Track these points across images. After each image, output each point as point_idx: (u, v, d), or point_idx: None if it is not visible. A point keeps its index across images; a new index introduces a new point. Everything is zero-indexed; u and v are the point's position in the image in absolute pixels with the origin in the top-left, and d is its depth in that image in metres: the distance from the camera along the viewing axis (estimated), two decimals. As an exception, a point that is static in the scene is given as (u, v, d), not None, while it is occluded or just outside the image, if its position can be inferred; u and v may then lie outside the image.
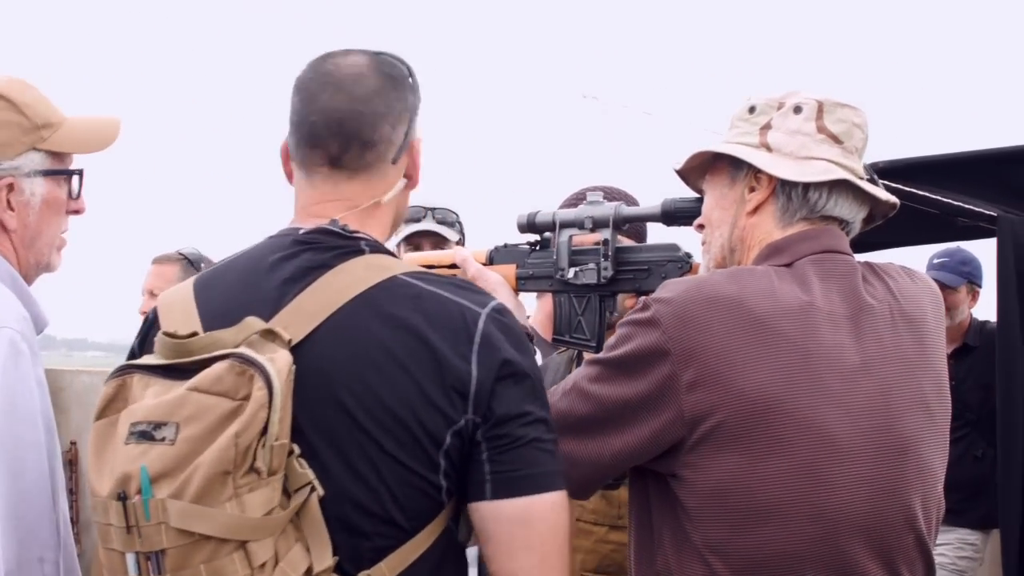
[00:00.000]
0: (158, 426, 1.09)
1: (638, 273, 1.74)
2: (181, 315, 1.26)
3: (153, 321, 1.33)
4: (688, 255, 1.72)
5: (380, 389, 1.18)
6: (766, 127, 1.47)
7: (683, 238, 1.74)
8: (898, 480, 1.34)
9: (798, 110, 1.45)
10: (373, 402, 1.18)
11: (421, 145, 1.37)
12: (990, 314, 3.74)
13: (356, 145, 1.30)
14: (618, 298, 1.79)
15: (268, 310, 1.21)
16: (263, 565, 1.09)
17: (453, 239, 2.59)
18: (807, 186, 1.43)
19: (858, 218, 1.49)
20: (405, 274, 1.25)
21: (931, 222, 2.65)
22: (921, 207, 2.50)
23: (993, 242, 2.49)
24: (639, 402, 1.35)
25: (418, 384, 1.18)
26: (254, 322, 1.16)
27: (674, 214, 1.69)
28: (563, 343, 1.83)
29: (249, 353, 1.11)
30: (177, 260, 2.96)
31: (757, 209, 1.47)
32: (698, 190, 1.62)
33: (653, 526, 1.42)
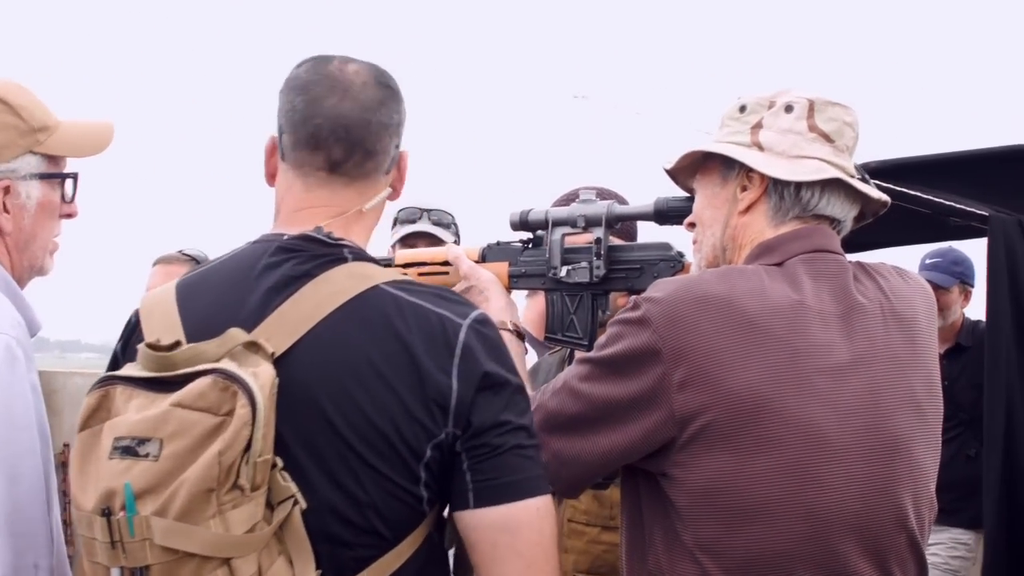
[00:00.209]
0: (142, 442, 1.10)
1: (630, 272, 1.74)
2: (163, 322, 1.26)
3: (135, 325, 1.32)
4: (680, 254, 1.72)
5: (362, 401, 1.18)
6: (757, 126, 1.47)
7: (675, 237, 1.75)
8: (889, 479, 1.34)
9: (789, 109, 1.45)
10: (355, 414, 1.18)
11: (408, 158, 1.38)
12: (982, 313, 3.76)
13: (360, 153, 1.30)
14: (610, 297, 1.79)
15: (251, 320, 1.21)
16: None
17: (448, 240, 2.59)
18: (799, 185, 1.43)
19: (849, 216, 1.49)
20: (387, 283, 1.25)
21: (923, 222, 2.65)
22: (913, 207, 2.50)
23: (984, 242, 2.49)
24: (629, 402, 1.35)
25: (399, 397, 1.18)
26: (237, 334, 1.16)
27: (666, 213, 1.70)
28: (555, 341, 1.83)
29: (232, 369, 1.11)
30: (185, 261, 2.89)
31: (749, 208, 1.46)
32: (688, 189, 1.62)
33: (644, 525, 1.42)
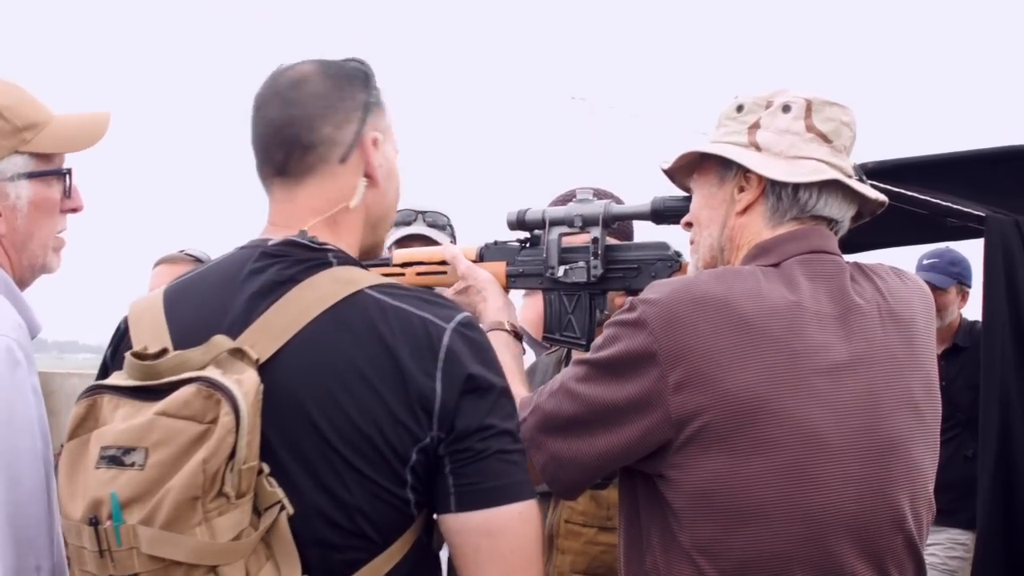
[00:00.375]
0: (127, 451, 1.10)
1: (628, 272, 1.74)
2: (151, 329, 1.27)
3: (124, 332, 1.33)
4: (678, 254, 1.72)
5: (347, 406, 1.18)
6: (755, 126, 1.46)
7: (672, 237, 1.75)
8: (886, 480, 1.34)
9: (787, 109, 1.45)
10: (340, 418, 1.18)
11: (379, 142, 1.34)
12: (980, 314, 3.75)
13: (297, 150, 1.30)
14: (608, 296, 1.79)
15: (237, 327, 1.22)
16: None
17: (444, 242, 2.58)
18: (797, 186, 1.43)
19: (847, 217, 1.49)
20: (372, 288, 1.25)
21: (920, 223, 2.65)
22: (910, 208, 2.50)
23: (981, 242, 2.49)
24: (626, 404, 1.35)
25: (384, 401, 1.18)
26: (222, 341, 1.17)
27: (664, 212, 1.70)
28: (553, 341, 1.83)
29: (215, 377, 1.11)
30: (189, 261, 2.88)
31: (747, 209, 1.46)
32: (685, 188, 1.62)
33: (642, 527, 1.42)
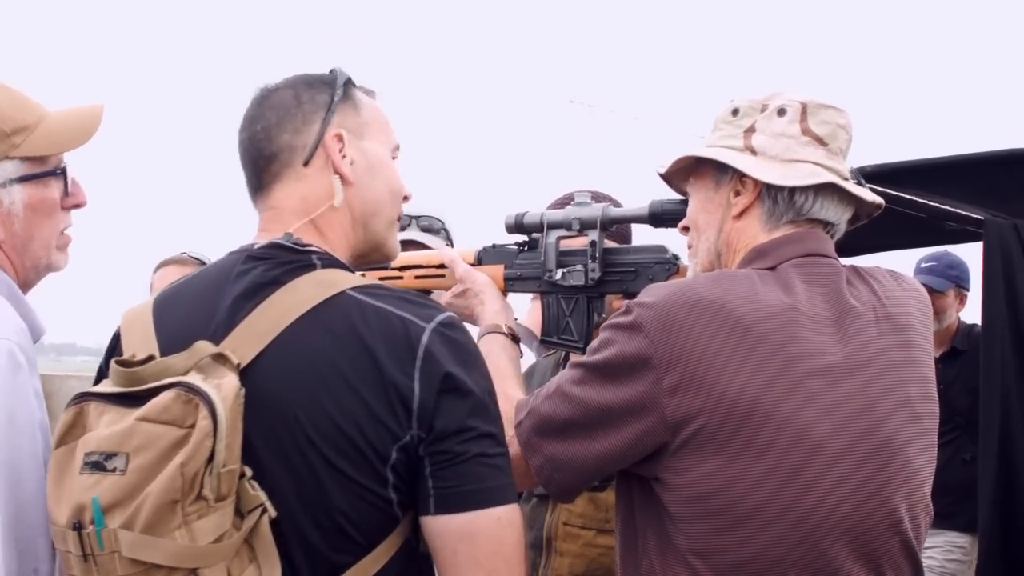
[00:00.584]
0: (109, 456, 1.12)
1: (625, 275, 1.74)
2: (140, 337, 1.29)
3: (117, 341, 1.35)
4: (675, 257, 1.72)
5: (327, 405, 1.19)
6: (750, 130, 1.46)
7: (670, 240, 1.75)
8: (882, 482, 1.33)
9: (782, 112, 1.45)
10: (321, 418, 1.19)
11: (345, 139, 1.34)
12: (978, 317, 3.75)
13: (261, 162, 1.34)
14: (606, 299, 1.79)
15: (221, 331, 1.24)
16: None
17: (438, 247, 2.57)
18: (793, 190, 1.43)
19: (843, 219, 1.49)
20: (354, 289, 1.25)
21: (918, 226, 2.65)
22: (908, 211, 2.50)
23: (980, 246, 2.49)
24: (621, 407, 1.34)
25: (363, 400, 1.19)
26: (204, 346, 1.18)
27: (661, 216, 1.70)
28: (551, 344, 1.83)
29: (194, 381, 1.13)
30: (194, 263, 2.86)
31: (743, 213, 1.46)
32: (682, 192, 1.62)
33: (638, 529, 1.42)
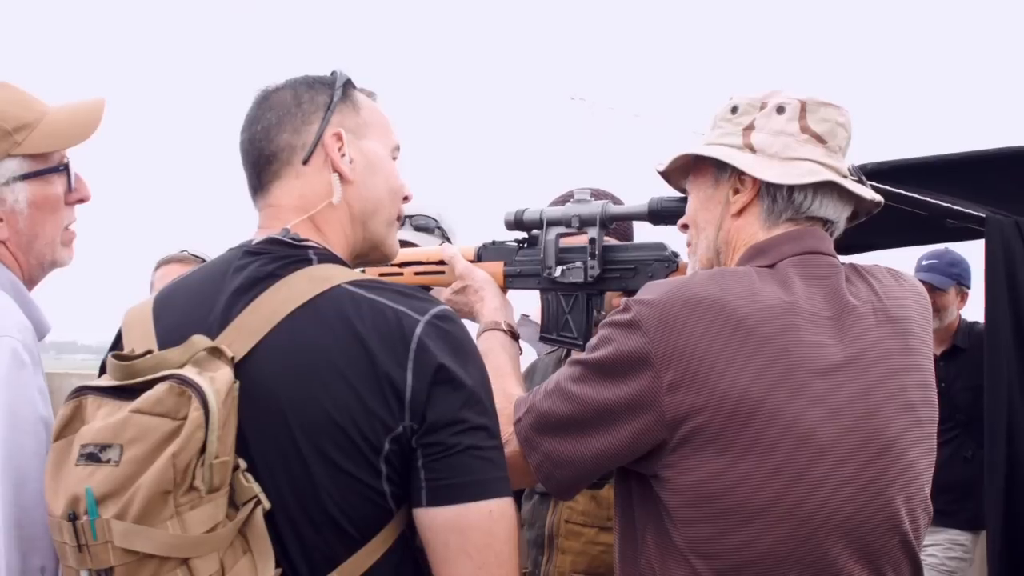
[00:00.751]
0: (104, 448, 1.13)
1: (625, 272, 1.74)
2: (140, 333, 1.30)
3: (119, 338, 1.36)
4: (675, 254, 1.72)
5: (320, 397, 1.19)
6: (749, 128, 1.46)
7: (670, 237, 1.74)
8: (881, 481, 1.33)
9: (781, 110, 1.44)
10: (314, 410, 1.19)
11: (344, 138, 1.35)
12: (979, 315, 3.75)
13: (261, 161, 1.35)
14: (605, 296, 1.78)
15: (217, 325, 1.25)
16: None
17: (432, 246, 2.56)
18: (792, 188, 1.42)
19: (843, 217, 1.48)
20: (348, 283, 1.26)
21: (920, 224, 2.65)
22: (910, 209, 2.49)
23: (981, 243, 2.48)
24: (619, 405, 1.34)
25: (357, 393, 1.19)
26: (199, 340, 1.19)
27: (661, 213, 1.70)
28: (551, 341, 1.83)
29: (187, 374, 1.14)
30: (195, 260, 2.86)
31: (742, 211, 1.46)
32: (680, 190, 1.61)
33: (637, 527, 1.42)
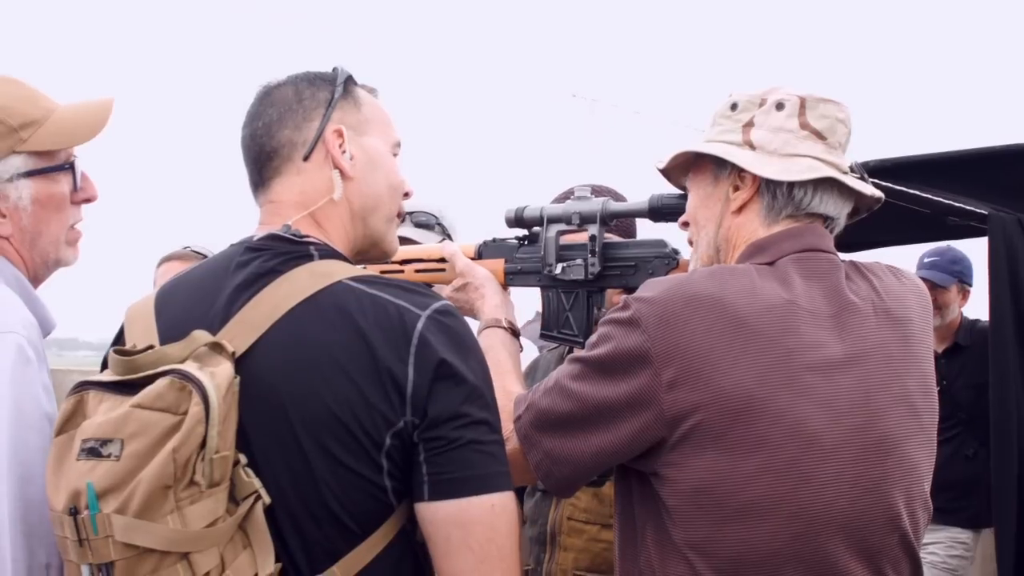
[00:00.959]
0: (105, 443, 1.13)
1: (625, 269, 1.73)
2: (142, 328, 1.30)
3: (121, 334, 1.36)
4: (675, 251, 1.72)
5: (321, 392, 1.19)
6: (749, 124, 1.45)
7: (671, 234, 1.74)
8: (880, 478, 1.33)
9: (780, 107, 1.44)
10: (315, 405, 1.19)
11: (345, 134, 1.35)
12: (980, 313, 3.74)
13: (263, 157, 1.35)
14: (606, 294, 1.78)
15: (218, 321, 1.25)
16: (208, 573, 1.13)
17: (433, 242, 2.55)
18: (792, 184, 1.42)
19: (843, 214, 1.48)
20: (350, 279, 1.26)
21: (922, 221, 2.64)
22: (912, 206, 2.49)
23: (983, 241, 2.48)
24: (619, 403, 1.34)
25: (357, 386, 1.19)
26: (200, 335, 1.19)
27: (661, 210, 1.69)
28: (551, 339, 1.83)
29: (187, 369, 1.14)
30: (196, 257, 2.86)
31: (743, 208, 1.46)
32: (681, 187, 1.61)
33: (636, 524, 1.41)
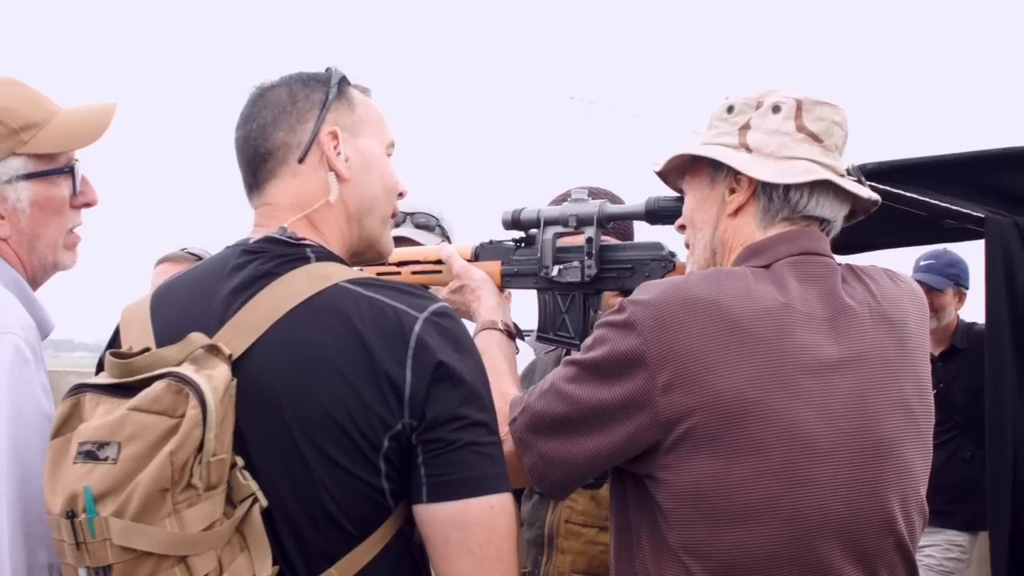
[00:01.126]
0: (102, 446, 1.13)
1: (622, 271, 1.73)
2: (138, 330, 1.30)
3: (116, 335, 1.36)
4: (672, 254, 1.72)
5: (318, 394, 1.19)
6: (745, 127, 1.45)
7: (669, 237, 1.74)
8: (876, 482, 1.33)
9: (777, 109, 1.44)
10: (312, 407, 1.19)
11: (339, 136, 1.35)
12: (976, 316, 3.74)
13: (257, 160, 1.35)
14: (602, 296, 1.78)
15: (215, 323, 1.24)
16: None
17: (431, 243, 2.55)
18: (788, 187, 1.42)
19: (839, 216, 1.48)
20: (347, 281, 1.26)
21: (918, 224, 2.63)
22: (908, 209, 2.49)
23: (979, 244, 2.48)
24: (614, 406, 1.34)
25: (355, 390, 1.19)
26: (197, 338, 1.19)
27: (658, 212, 1.70)
28: (547, 341, 1.83)
29: (184, 372, 1.14)
30: (191, 259, 2.86)
31: (739, 211, 1.46)
32: (678, 190, 1.61)
33: (632, 527, 1.41)
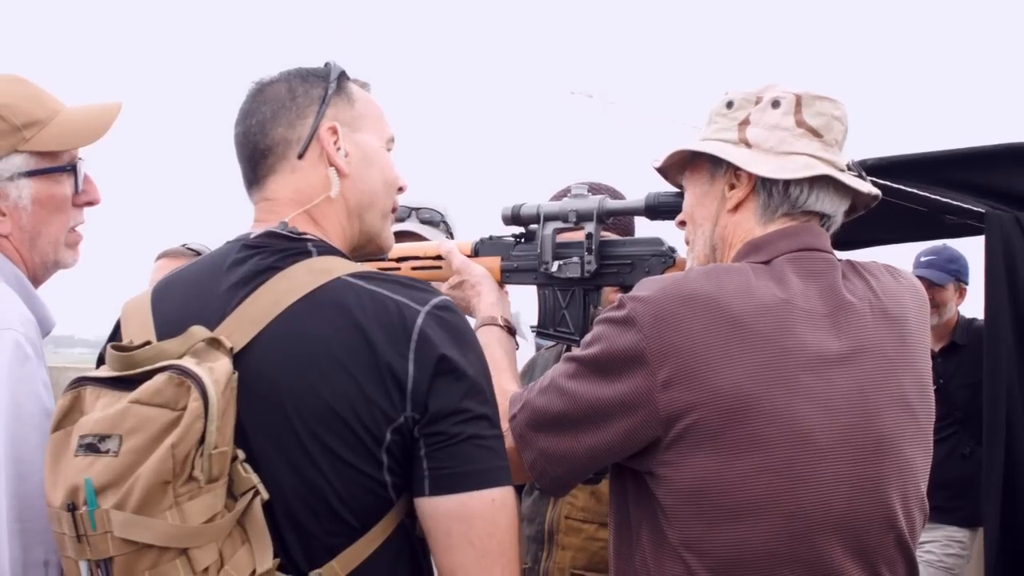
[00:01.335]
0: (103, 438, 1.13)
1: (622, 267, 1.73)
2: (139, 324, 1.30)
3: (117, 330, 1.36)
4: (672, 249, 1.71)
5: (320, 387, 1.19)
6: (745, 122, 1.45)
7: (669, 233, 1.74)
8: (876, 478, 1.33)
9: (776, 104, 1.43)
10: (314, 401, 1.19)
11: (339, 131, 1.35)
12: (977, 312, 3.74)
13: (257, 155, 1.35)
14: (602, 292, 1.78)
15: (216, 317, 1.24)
16: (207, 569, 1.13)
17: (436, 239, 2.55)
18: (788, 183, 1.42)
19: (840, 211, 1.48)
20: (349, 275, 1.26)
21: (919, 220, 2.63)
22: (909, 205, 2.49)
23: (980, 239, 2.48)
24: (614, 402, 1.34)
25: (357, 382, 1.19)
26: (198, 331, 1.19)
27: (658, 208, 1.69)
28: (547, 337, 1.83)
29: (186, 364, 1.14)
30: (191, 255, 2.87)
31: (739, 206, 1.45)
32: (678, 186, 1.61)
33: (632, 524, 1.41)
